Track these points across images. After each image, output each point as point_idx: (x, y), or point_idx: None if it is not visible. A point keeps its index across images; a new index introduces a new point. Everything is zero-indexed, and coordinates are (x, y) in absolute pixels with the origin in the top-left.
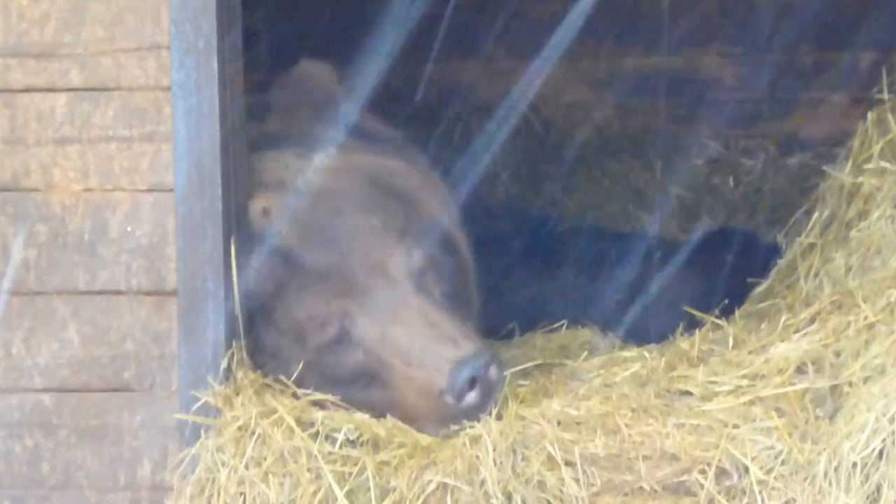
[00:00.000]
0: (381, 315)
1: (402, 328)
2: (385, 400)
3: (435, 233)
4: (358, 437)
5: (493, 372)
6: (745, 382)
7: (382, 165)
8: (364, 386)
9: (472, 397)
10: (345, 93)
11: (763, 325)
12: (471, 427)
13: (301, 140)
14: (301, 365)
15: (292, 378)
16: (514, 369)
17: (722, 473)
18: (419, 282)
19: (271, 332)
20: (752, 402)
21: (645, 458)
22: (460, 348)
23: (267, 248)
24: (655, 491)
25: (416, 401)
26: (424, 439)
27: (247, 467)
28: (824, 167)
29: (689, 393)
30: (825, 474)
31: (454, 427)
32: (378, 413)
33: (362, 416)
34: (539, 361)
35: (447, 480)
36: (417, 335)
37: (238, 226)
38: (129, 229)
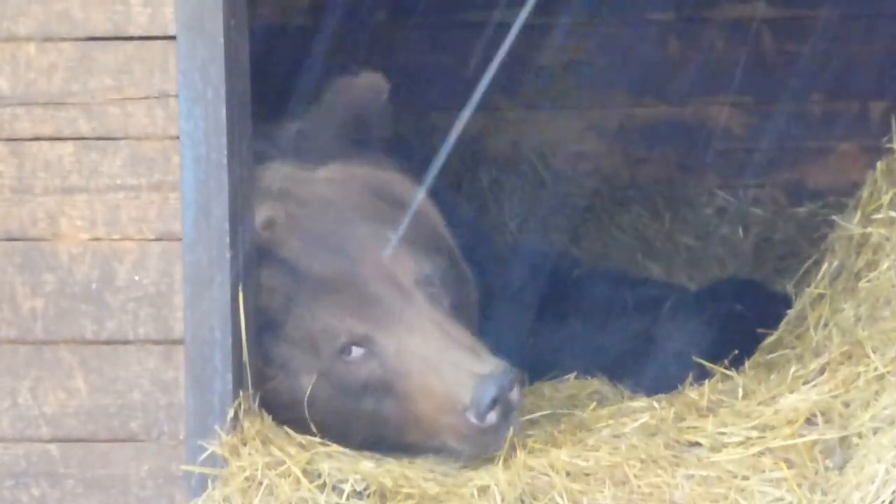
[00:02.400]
0: (396, 326)
1: (420, 339)
2: (401, 413)
3: (438, 243)
4: (365, 489)
5: (515, 393)
6: (754, 433)
7: (382, 177)
8: (378, 399)
9: (492, 417)
10: (383, 108)
11: (773, 376)
12: (478, 479)
13: (310, 152)
14: (313, 377)
15: (307, 392)
16: (522, 419)
17: None
18: (429, 292)
19: (281, 345)
20: (761, 454)
21: None
22: (484, 362)
23: (273, 261)
24: None
25: (435, 415)
26: (432, 489)
27: None
28: (833, 217)
29: (698, 444)
30: None
31: (474, 448)
32: (392, 427)
33: (369, 466)
34: (548, 411)
35: None
36: (436, 346)
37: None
38: (136, 278)
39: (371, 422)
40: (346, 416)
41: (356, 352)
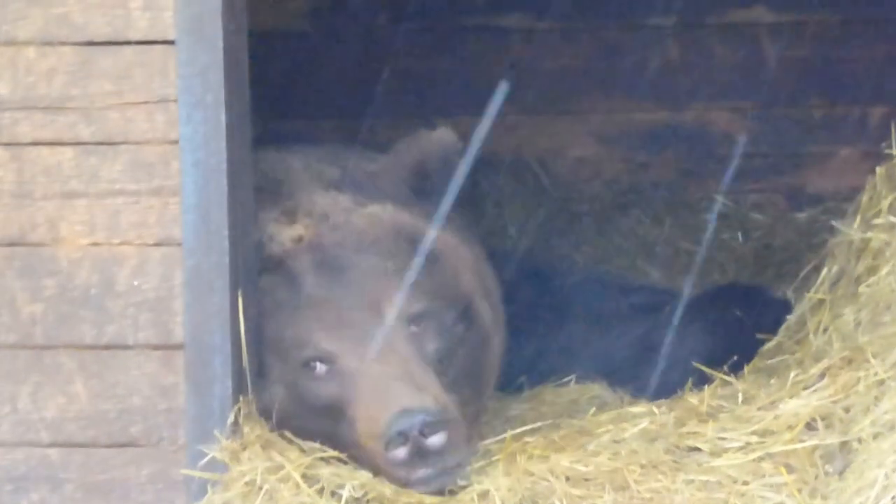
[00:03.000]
0: (361, 351)
1: (377, 368)
2: (348, 438)
3: (450, 294)
4: (363, 495)
5: (434, 438)
6: (754, 438)
7: (423, 229)
8: (335, 421)
9: (400, 452)
10: (448, 164)
11: (772, 381)
12: (478, 484)
13: (372, 191)
14: (283, 387)
15: (275, 401)
16: (521, 429)
17: None
18: (412, 331)
19: (261, 350)
20: (761, 459)
21: None
22: (415, 400)
23: (278, 269)
24: None
25: (364, 442)
26: (431, 497)
27: None
28: (833, 222)
29: (698, 449)
30: None
31: (395, 482)
32: (347, 449)
33: (368, 474)
34: (549, 421)
35: None
36: (388, 378)
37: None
38: (136, 283)
39: (330, 441)
40: (309, 433)
41: (320, 368)
